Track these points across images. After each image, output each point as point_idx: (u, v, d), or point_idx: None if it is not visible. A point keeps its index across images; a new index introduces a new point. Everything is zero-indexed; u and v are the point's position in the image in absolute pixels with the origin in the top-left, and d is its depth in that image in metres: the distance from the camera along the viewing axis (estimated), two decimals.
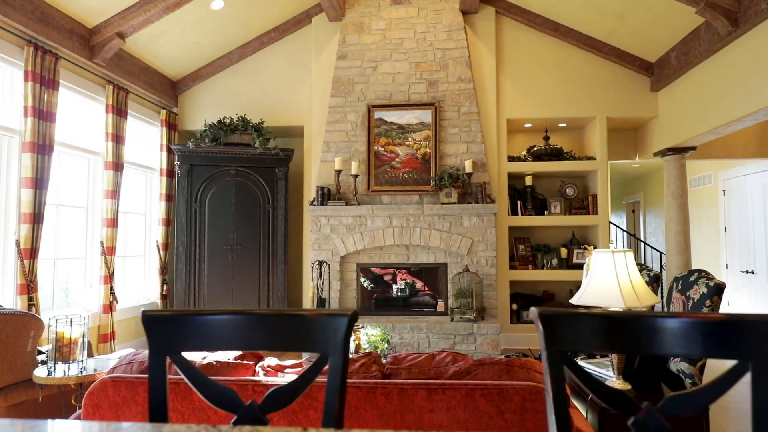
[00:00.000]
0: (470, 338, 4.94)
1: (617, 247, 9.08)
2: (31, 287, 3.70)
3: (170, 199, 5.77)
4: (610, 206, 5.76)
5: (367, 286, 5.62)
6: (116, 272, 4.84)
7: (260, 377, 1.88)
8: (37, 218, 3.78)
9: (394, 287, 5.69)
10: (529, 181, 5.81)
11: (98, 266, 4.71)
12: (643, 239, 8.77)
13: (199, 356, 1.95)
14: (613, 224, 8.30)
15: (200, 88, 6.07)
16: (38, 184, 3.80)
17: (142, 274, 5.70)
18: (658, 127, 5.64)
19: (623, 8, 4.82)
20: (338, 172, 5.36)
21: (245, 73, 6.00)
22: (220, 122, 5.47)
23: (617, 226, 9.04)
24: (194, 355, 2.01)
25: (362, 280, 5.57)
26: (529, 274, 5.65)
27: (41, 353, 2.71)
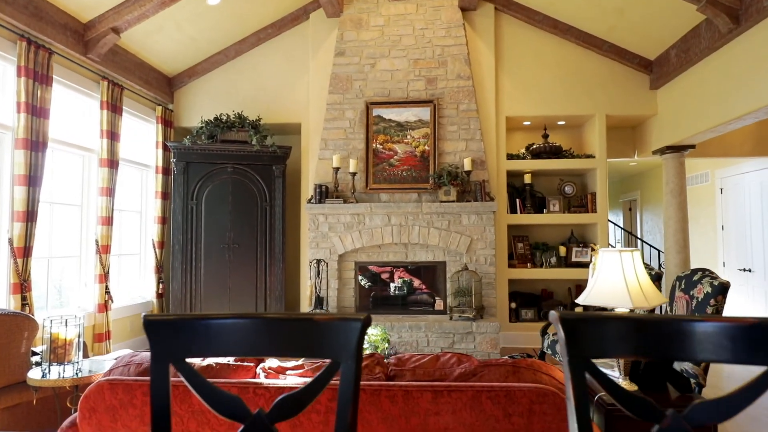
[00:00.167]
0: (469, 337, 4.91)
1: (617, 246, 9.08)
2: (24, 286, 3.63)
3: (166, 196, 5.70)
4: (608, 204, 5.74)
5: (364, 284, 5.58)
6: (111, 271, 4.78)
7: (261, 379, 1.84)
8: (30, 216, 3.72)
9: (391, 286, 5.65)
10: (528, 179, 5.78)
11: (93, 265, 4.65)
12: (640, 237, 8.78)
13: (198, 357, 1.90)
14: (611, 222, 8.30)
15: (196, 84, 6.00)
16: (31, 181, 3.73)
17: (137, 272, 5.64)
18: (657, 125, 5.63)
19: (623, 5, 4.79)
20: (336, 169, 5.31)
21: (242, 69, 5.94)
22: (216, 119, 5.40)
23: (615, 224, 9.05)
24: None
25: (360, 278, 5.53)
26: (527, 272, 5.63)
27: (35, 354, 2.66)
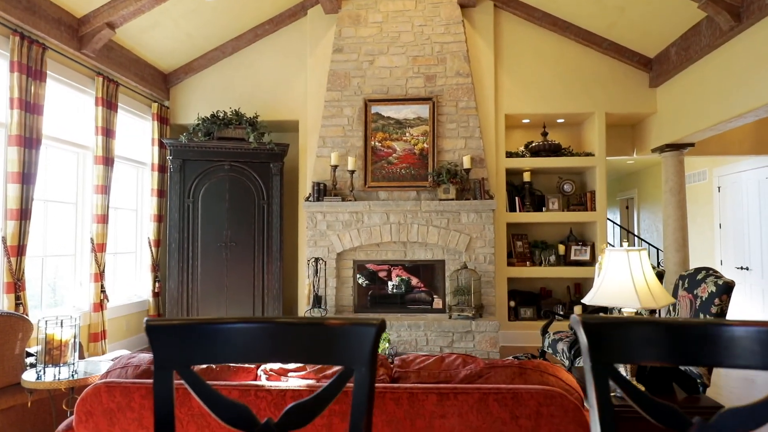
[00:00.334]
0: (468, 336, 4.89)
1: (616, 244, 9.07)
2: (18, 286, 3.57)
3: (162, 194, 5.64)
4: (606, 203, 5.72)
5: (362, 282, 5.54)
6: (107, 270, 4.72)
7: (263, 381, 1.80)
8: (24, 214, 3.66)
9: (389, 284, 5.62)
10: (527, 177, 5.76)
11: (88, 263, 4.59)
12: (637, 235, 8.78)
13: (204, 364, 1.86)
14: (610, 221, 8.30)
15: (192, 81, 5.93)
16: (25, 179, 3.67)
17: (133, 271, 5.58)
18: (656, 123, 5.61)
19: (623, 2, 4.76)
20: (334, 167, 5.26)
21: (239, 66, 5.87)
22: (213, 116, 5.34)
23: (614, 222, 9.04)
24: None
25: (357, 277, 5.49)
26: (526, 270, 5.61)
27: (30, 355, 2.61)
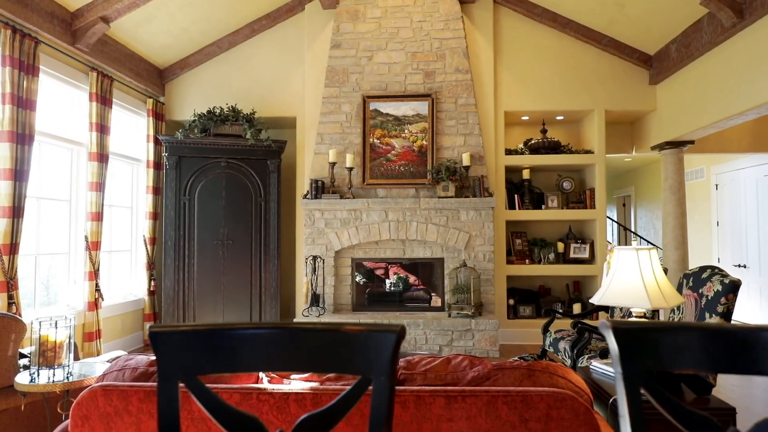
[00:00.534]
0: (468, 334, 4.85)
1: (614, 242, 9.06)
2: (10, 285, 3.50)
3: (158, 191, 5.56)
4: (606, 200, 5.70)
5: (359, 281, 5.49)
6: (101, 268, 4.65)
7: (265, 384, 1.74)
8: (16, 212, 3.58)
9: (387, 282, 5.58)
10: (526, 174, 5.72)
11: (82, 262, 4.51)
12: (636, 233, 8.77)
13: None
14: (610, 219, 8.28)
15: (188, 76, 5.85)
16: (17, 175, 3.59)
17: (128, 269, 5.50)
18: (656, 120, 5.59)
19: None
20: (332, 164, 5.21)
21: (235, 61, 5.80)
22: (209, 112, 5.27)
23: (614, 220, 9.04)
24: None
25: (355, 275, 5.45)
26: (526, 268, 5.58)
27: (24, 356, 2.54)
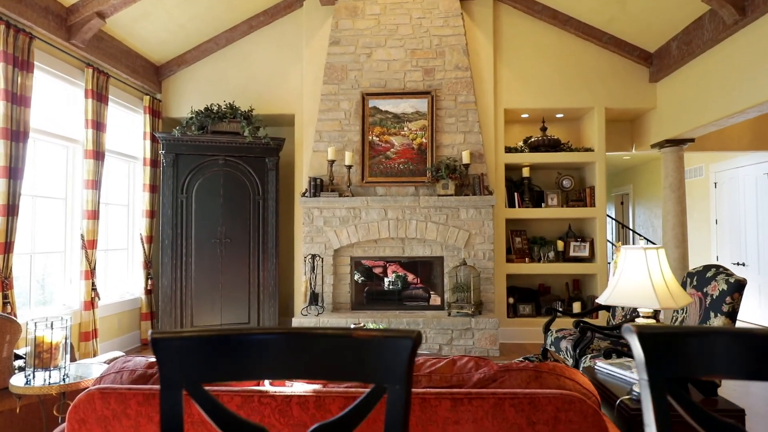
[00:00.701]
0: (468, 333, 4.83)
1: (613, 241, 9.04)
2: (5, 284, 3.45)
3: (154, 189, 5.51)
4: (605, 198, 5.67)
5: (358, 279, 5.46)
6: (98, 267, 4.59)
7: (266, 387, 1.71)
8: (11, 210, 3.53)
9: (385, 280, 5.54)
10: (526, 172, 5.69)
11: (78, 261, 4.46)
12: (636, 231, 8.76)
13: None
14: (610, 217, 8.26)
15: (185, 73, 5.79)
16: (12, 173, 3.54)
17: (125, 268, 5.45)
18: (656, 118, 5.57)
19: None
20: (331, 162, 5.17)
21: (233, 58, 5.74)
22: (207, 109, 5.21)
23: (613, 218, 9.02)
24: None
25: (354, 273, 5.41)
26: (525, 267, 5.55)
27: (19, 357, 2.50)
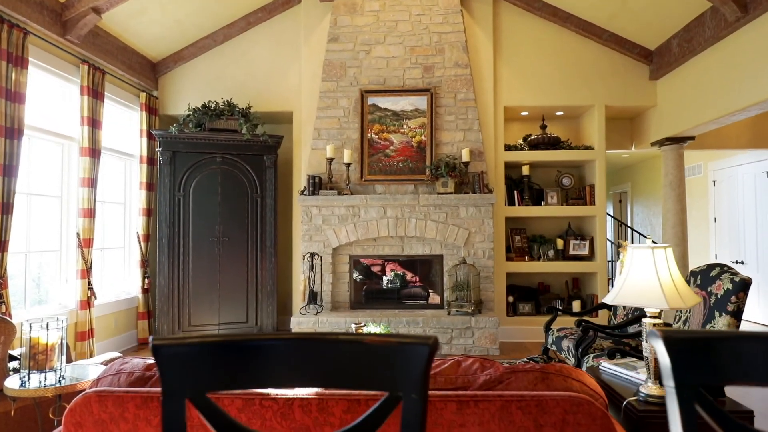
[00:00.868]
0: (468, 332, 4.80)
1: (611, 239, 9.03)
2: (0, 284, 3.40)
3: (151, 187, 5.45)
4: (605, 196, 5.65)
5: (356, 277, 5.42)
6: (94, 266, 4.54)
7: (268, 389, 1.67)
8: (5, 208, 3.47)
9: (384, 279, 5.51)
10: (525, 170, 5.66)
11: (74, 259, 4.41)
12: (636, 230, 8.74)
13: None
14: (609, 216, 8.24)
15: (182, 70, 5.73)
16: (6, 171, 3.48)
17: (121, 267, 5.40)
18: (656, 116, 5.55)
19: None
20: (330, 160, 5.13)
21: (231, 55, 5.68)
22: (204, 107, 5.16)
23: (614, 217, 9.00)
24: None
25: (353, 272, 5.37)
26: (525, 265, 5.53)
27: (14, 358, 2.45)
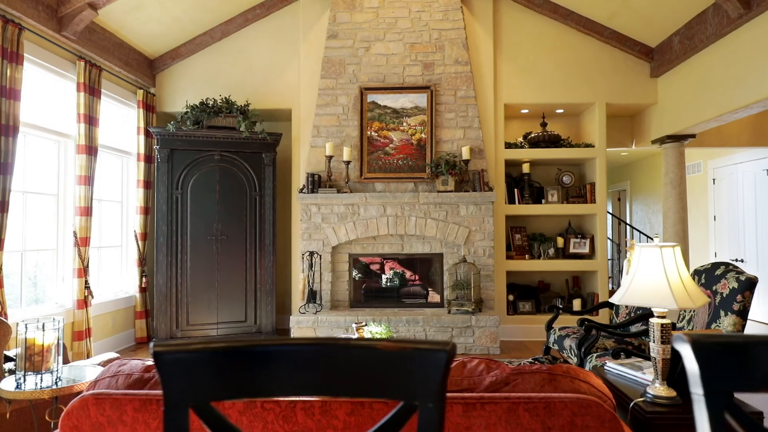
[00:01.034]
0: (468, 331, 4.78)
1: (610, 237, 9.01)
2: None
3: (149, 185, 5.40)
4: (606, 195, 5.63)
5: (355, 276, 5.39)
6: (91, 264, 4.49)
7: None
8: (1, 206, 3.42)
9: (383, 277, 5.48)
10: (526, 168, 5.64)
11: (71, 258, 4.36)
12: (636, 228, 8.72)
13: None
14: (611, 214, 8.22)
15: (180, 67, 5.67)
16: (2, 168, 3.43)
17: (119, 266, 5.35)
18: (656, 114, 5.52)
19: None
20: (329, 158, 5.09)
21: (229, 52, 5.63)
22: (202, 104, 5.11)
23: (615, 215, 8.98)
24: None
25: (353, 271, 5.34)
26: (525, 264, 5.50)
27: (9, 360, 2.41)
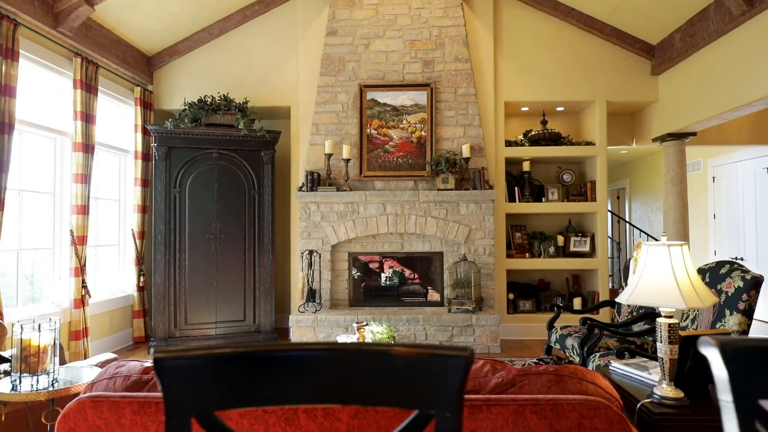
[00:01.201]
0: (468, 330, 4.75)
1: (610, 235, 8.98)
2: None
3: (146, 184, 5.36)
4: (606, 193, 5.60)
5: (355, 275, 5.36)
6: (88, 263, 4.45)
7: None
8: None
9: (382, 276, 5.45)
10: (526, 166, 5.61)
11: (68, 257, 4.31)
12: (636, 226, 8.71)
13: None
14: (611, 212, 8.21)
15: (177, 64, 5.62)
16: None
17: (116, 264, 5.30)
18: (657, 111, 5.50)
19: None
20: (328, 156, 5.05)
21: (227, 48, 5.58)
22: (200, 101, 5.06)
23: (615, 214, 8.97)
24: None
25: (352, 269, 5.30)
26: (525, 262, 5.48)
27: (5, 360, 2.37)
